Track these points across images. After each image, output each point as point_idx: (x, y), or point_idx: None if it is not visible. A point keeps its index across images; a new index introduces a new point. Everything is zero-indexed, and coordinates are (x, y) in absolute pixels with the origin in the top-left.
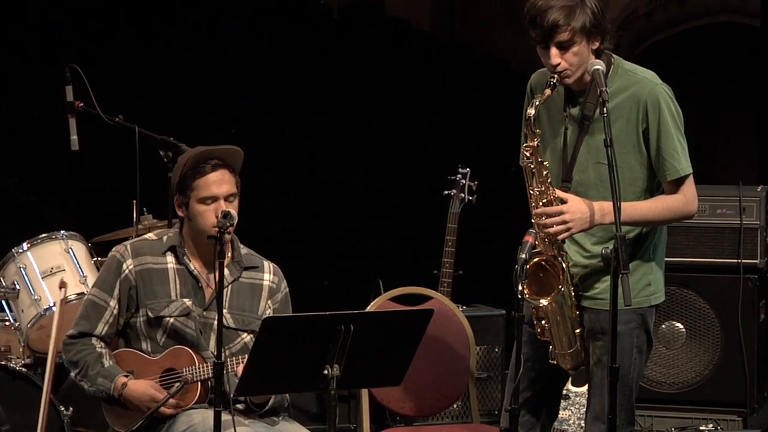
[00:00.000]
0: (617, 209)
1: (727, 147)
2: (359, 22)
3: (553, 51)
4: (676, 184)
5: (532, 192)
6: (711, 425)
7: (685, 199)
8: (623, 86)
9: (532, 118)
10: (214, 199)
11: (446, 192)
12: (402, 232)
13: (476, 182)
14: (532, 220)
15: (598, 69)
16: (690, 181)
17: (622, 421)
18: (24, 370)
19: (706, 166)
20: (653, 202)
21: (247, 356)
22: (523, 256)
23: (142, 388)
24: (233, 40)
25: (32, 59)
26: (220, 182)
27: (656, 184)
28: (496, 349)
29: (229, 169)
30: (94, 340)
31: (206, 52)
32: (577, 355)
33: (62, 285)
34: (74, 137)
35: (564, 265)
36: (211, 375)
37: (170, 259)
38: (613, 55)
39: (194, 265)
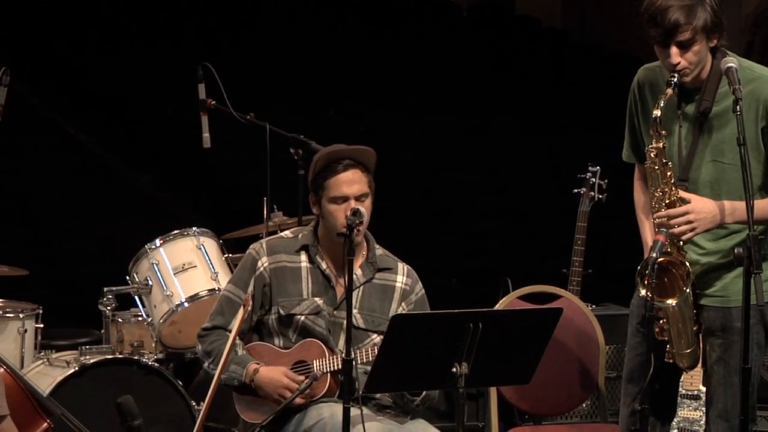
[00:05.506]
0: (750, 208)
1: None
2: (489, 19)
3: (674, 50)
4: None
5: (654, 193)
6: None
7: None
8: (742, 83)
9: (658, 120)
10: (345, 198)
11: (576, 190)
12: (530, 230)
13: (606, 180)
14: (655, 222)
15: (731, 67)
16: None
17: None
18: (156, 365)
19: None
20: None
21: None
22: (654, 255)
23: (275, 375)
24: (362, 38)
25: (165, 57)
26: (351, 182)
27: None
28: (626, 348)
29: (361, 169)
30: (228, 333)
31: (336, 50)
32: (694, 354)
33: (245, 302)
34: (206, 135)
35: (689, 268)
36: (340, 366)
37: (303, 257)
38: (728, 52)
39: (326, 264)
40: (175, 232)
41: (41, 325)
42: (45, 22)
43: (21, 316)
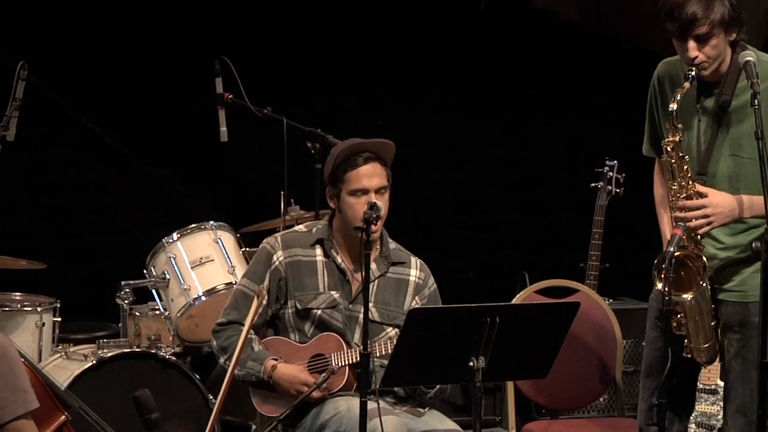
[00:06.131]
0: None
1: None
2: (507, 13)
3: (691, 44)
4: None
5: (672, 187)
6: None
7: None
8: (761, 77)
9: (675, 113)
10: (365, 191)
11: (593, 184)
12: (548, 225)
13: (624, 175)
14: (673, 215)
15: (749, 61)
16: None
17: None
18: (173, 358)
19: None
20: None
21: (388, 342)
22: (672, 249)
23: (292, 371)
24: (380, 32)
25: (183, 51)
26: (371, 175)
27: None
28: (643, 343)
29: (381, 162)
30: (243, 327)
31: (353, 44)
32: (713, 349)
33: (259, 294)
34: (223, 129)
35: (706, 261)
36: (358, 359)
37: (318, 251)
38: (748, 46)
39: (341, 258)
40: (193, 225)
41: (59, 319)
42: (62, 16)
43: (39, 309)
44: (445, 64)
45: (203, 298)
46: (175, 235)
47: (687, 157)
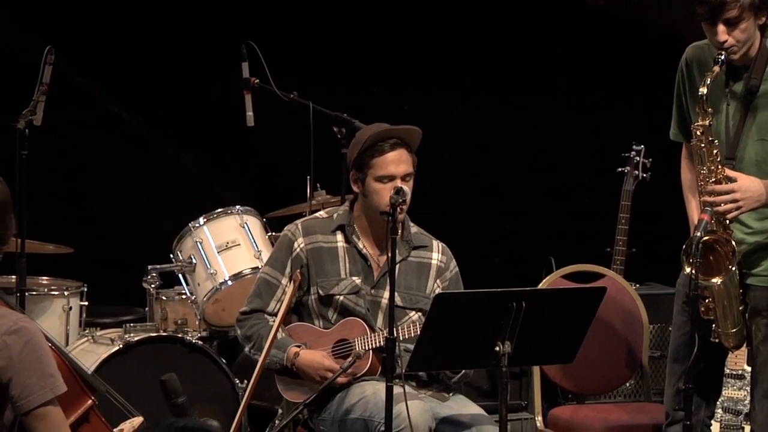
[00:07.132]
0: None
1: None
2: None
3: (721, 28)
4: None
5: (700, 171)
6: None
7: None
8: None
9: (704, 97)
10: (391, 178)
11: (620, 169)
12: (574, 210)
13: (650, 159)
14: (701, 200)
15: None
16: None
17: None
18: (200, 342)
19: None
20: None
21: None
22: (699, 234)
23: (316, 357)
24: (404, 17)
25: (209, 36)
26: (398, 162)
27: None
28: (670, 328)
29: (407, 149)
30: (267, 315)
31: (378, 29)
32: (740, 333)
33: (295, 279)
34: (250, 113)
35: (735, 246)
36: (382, 344)
37: (339, 237)
38: None
39: (363, 244)
40: (219, 210)
41: (86, 303)
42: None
43: (66, 293)
44: (471, 48)
45: (230, 283)
46: (201, 220)
47: (716, 141)
